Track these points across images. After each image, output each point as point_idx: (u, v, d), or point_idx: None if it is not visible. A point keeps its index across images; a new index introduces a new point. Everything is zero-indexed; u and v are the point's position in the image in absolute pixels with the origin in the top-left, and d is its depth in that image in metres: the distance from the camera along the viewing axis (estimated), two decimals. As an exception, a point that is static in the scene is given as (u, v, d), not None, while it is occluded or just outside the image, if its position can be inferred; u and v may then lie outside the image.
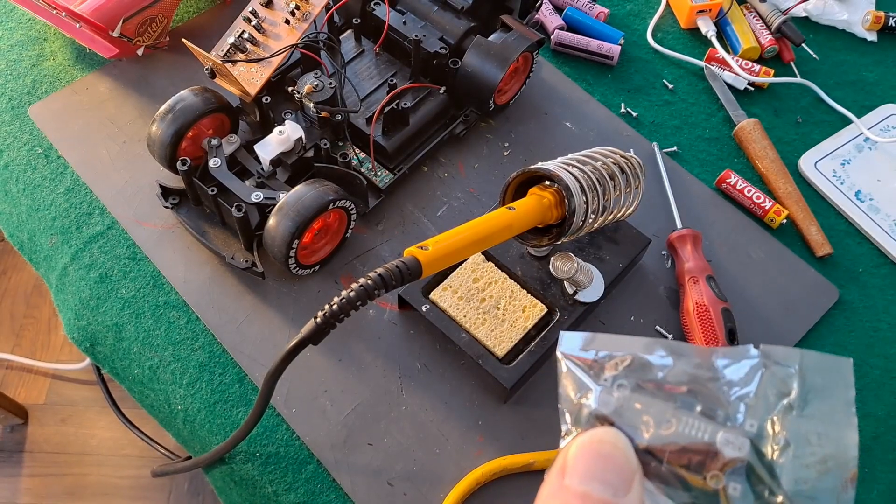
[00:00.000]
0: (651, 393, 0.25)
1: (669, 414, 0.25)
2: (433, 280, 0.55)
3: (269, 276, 0.58)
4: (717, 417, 0.25)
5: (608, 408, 0.25)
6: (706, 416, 0.25)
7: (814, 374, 0.25)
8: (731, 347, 0.26)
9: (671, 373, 0.26)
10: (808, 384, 0.25)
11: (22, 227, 0.64)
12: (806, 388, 0.25)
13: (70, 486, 1.16)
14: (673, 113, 0.70)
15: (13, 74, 0.69)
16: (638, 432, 0.25)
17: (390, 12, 0.64)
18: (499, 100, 0.65)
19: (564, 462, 0.24)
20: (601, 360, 0.26)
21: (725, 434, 0.24)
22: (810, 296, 0.60)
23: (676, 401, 0.25)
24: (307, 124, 0.60)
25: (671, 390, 0.25)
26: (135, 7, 0.64)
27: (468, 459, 0.51)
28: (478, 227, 0.42)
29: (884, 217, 0.64)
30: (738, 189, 0.64)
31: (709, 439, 0.24)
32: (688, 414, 0.25)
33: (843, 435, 0.25)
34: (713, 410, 0.25)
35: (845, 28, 0.78)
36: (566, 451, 0.24)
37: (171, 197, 0.59)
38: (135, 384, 0.57)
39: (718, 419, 0.25)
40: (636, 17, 0.77)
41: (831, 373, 0.25)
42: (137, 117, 0.66)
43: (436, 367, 0.55)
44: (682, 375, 0.26)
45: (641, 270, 0.60)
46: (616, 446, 0.24)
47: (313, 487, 0.51)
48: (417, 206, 0.62)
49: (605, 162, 0.49)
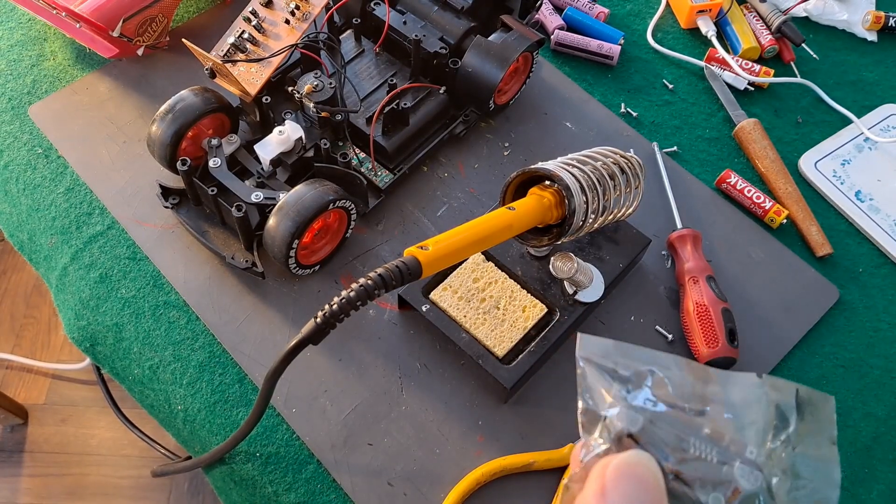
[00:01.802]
0: (668, 411, 0.26)
1: (685, 435, 0.25)
2: (433, 280, 0.55)
3: (269, 276, 0.58)
4: (723, 441, 0.26)
5: (636, 426, 0.25)
6: (713, 439, 0.26)
7: (806, 409, 0.27)
8: (737, 374, 0.27)
9: (683, 390, 0.26)
10: (801, 419, 0.26)
11: (22, 227, 0.64)
12: (799, 423, 0.26)
13: (70, 486, 1.16)
14: (673, 113, 0.70)
15: (13, 74, 0.69)
16: (662, 453, 0.25)
17: (390, 12, 0.64)
18: (499, 100, 0.65)
19: (603, 484, 0.24)
20: (623, 372, 0.27)
21: (742, 466, 0.25)
22: (810, 296, 0.60)
23: (687, 421, 0.26)
24: (307, 124, 0.60)
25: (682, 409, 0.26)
26: (135, 7, 0.64)
27: (468, 459, 0.51)
28: (478, 227, 0.42)
29: (884, 217, 0.64)
30: (738, 189, 0.64)
31: (718, 463, 0.25)
32: (697, 436, 0.26)
33: (829, 471, 0.26)
34: (720, 434, 0.26)
35: (845, 28, 0.78)
36: (602, 472, 0.25)
37: (171, 197, 0.59)
38: (135, 384, 0.57)
39: (724, 444, 0.26)
40: (636, 17, 0.77)
41: (819, 409, 0.26)
42: (137, 117, 0.66)
43: (436, 367, 0.55)
44: (692, 394, 0.26)
45: (641, 270, 0.60)
46: (650, 470, 0.24)
47: (313, 487, 0.51)
48: (417, 206, 0.62)
49: (605, 162, 0.49)
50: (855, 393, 0.56)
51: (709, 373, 0.27)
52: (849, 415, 0.55)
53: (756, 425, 0.26)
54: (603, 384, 0.26)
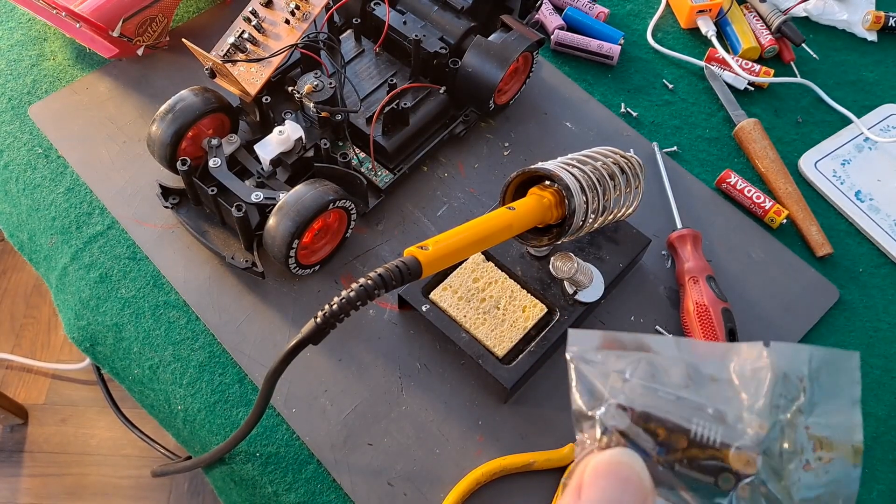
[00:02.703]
0: (663, 397, 0.25)
1: (682, 419, 0.24)
2: (433, 280, 0.55)
3: (269, 276, 0.58)
4: (727, 418, 0.24)
5: (622, 423, 0.25)
6: (717, 417, 0.24)
7: (822, 373, 0.25)
8: (741, 344, 0.26)
9: (681, 372, 0.25)
10: (815, 385, 0.25)
11: (22, 227, 0.64)
12: (814, 389, 0.25)
13: (70, 486, 1.16)
14: (673, 113, 0.70)
15: (13, 74, 0.69)
16: (650, 444, 0.24)
17: (390, 12, 0.64)
18: (499, 100, 0.65)
19: (580, 482, 0.24)
20: (615, 365, 0.26)
21: (737, 451, 0.24)
22: (810, 296, 0.60)
23: (687, 402, 0.25)
24: (307, 124, 0.60)
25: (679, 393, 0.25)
26: (135, 7, 0.64)
27: (468, 459, 0.51)
28: (478, 227, 0.42)
29: (884, 217, 0.64)
30: (738, 189, 0.64)
31: (720, 444, 0.24)
32: (699, 415, 0.24)
33: (849, 436, 0.24)
34: (723, 412, 0.25)
35: (845, 28, 0.78)
36: (582, 470, 0.24)
37: (171, 197, 0.59)
38: (135, 384, 0.57)
39: (729, 420, 0.24)
40: (636, 17, 0.77)
41: (839, 370, 0.25)
42: (137, 117, 0.66)
43: (436, 367, 0.55)
44: (693, 374, 0.25)
45: (641, 270, 0.60)
46: (632, 468, 0.24)
47: (313, 487, 0.51)
48: (417, 206, 0.62)
49: (605, 162, 0.49)
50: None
51: (710, 348, 0.26)
52: (849, 415, 0.55)
53: (765, 401, 0.24)
54: (594, 380, 0.26)
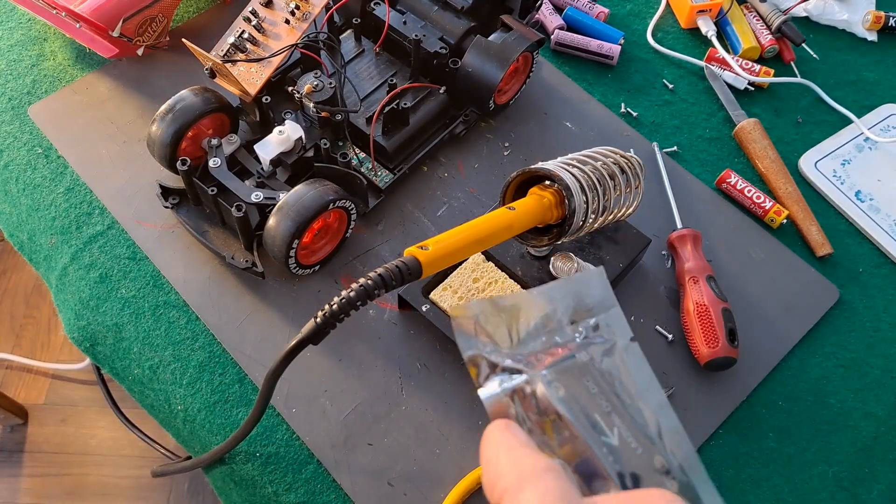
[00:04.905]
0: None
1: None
2: (433, 280, 0.55)
3: (269, 276, 0.58)
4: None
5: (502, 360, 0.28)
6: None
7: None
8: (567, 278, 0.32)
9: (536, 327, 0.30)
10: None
11: (22, 227, 0.64)
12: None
13: (70, 486, 1.16)
14: (673, 113, 0.70)
15: (13, 74, 0.69)
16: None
17: (390, 12, 0.64)
18: (499, 100, 0.65)
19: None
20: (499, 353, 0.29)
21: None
22: (810, 296, 0.60)
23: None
24: (307, 124, 0.60)
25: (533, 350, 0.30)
26: (135, 7, 0.64)
27: (468, 459, 0.51)
28: (478, 227, 0.42)
29: (884, 217, 0.64)
30: (739, 189, 0.64)
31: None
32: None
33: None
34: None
35: (845, 28, 0.78)
36: None
37: (171, 197, 0.59)
38: (135, 384, 0.57)
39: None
40: (636, 17, 0.77)
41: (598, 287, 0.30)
42: (137, 117, 0.66)
43: (436, 367, 0.55)
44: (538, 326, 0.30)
45: (641, 270, 0.60)
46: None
47: (313, 487, 0.51)
48: (417, 206, 0.62)
49: (605, 162, 0.49)
50: (855, 393, 0.56)
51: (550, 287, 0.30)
52: (849, 415, 0.55)
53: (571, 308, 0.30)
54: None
